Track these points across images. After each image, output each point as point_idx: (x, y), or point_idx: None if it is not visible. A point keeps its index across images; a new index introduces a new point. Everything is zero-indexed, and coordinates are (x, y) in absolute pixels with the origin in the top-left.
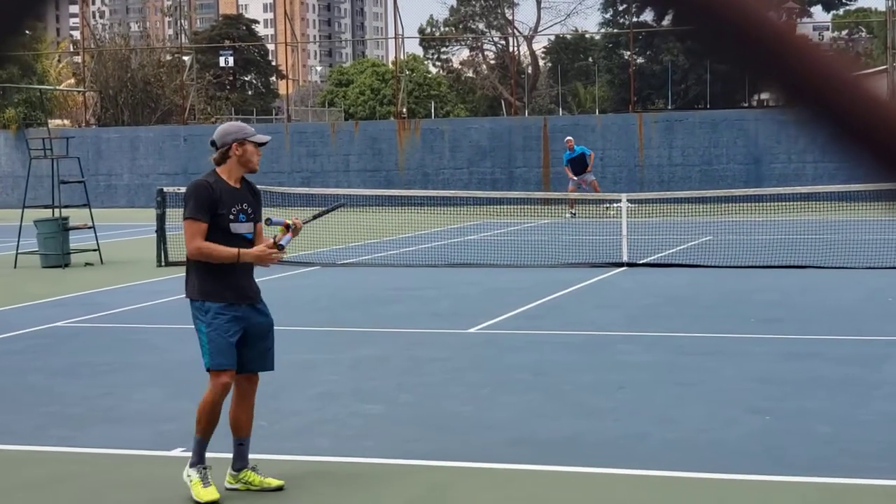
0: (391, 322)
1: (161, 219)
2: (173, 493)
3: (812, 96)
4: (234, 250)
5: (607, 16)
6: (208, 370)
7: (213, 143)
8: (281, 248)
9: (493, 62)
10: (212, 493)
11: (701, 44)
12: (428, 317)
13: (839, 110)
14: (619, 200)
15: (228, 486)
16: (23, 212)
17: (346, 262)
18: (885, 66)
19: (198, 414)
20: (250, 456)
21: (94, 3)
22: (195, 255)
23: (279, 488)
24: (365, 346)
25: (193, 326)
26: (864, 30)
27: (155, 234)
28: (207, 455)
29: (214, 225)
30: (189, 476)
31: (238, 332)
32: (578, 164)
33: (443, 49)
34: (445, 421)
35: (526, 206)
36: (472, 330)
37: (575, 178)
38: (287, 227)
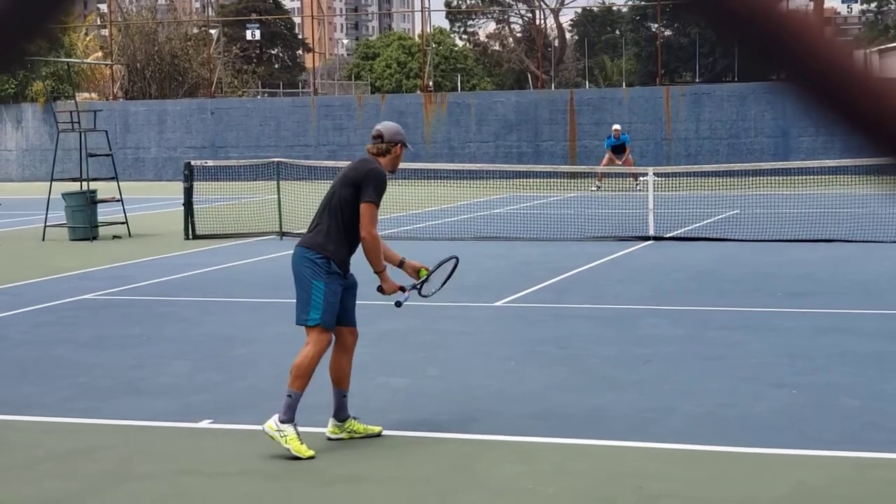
0: (417, 295)
1: (189, 192)
2: (201, 464)
3: (805, 72)
4: (384, 265)
5: None
6: (315, 326)
7: (378, 137)
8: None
9: (519, 35)
10: (309, 450)
11: (696, 18)
12: (454, 290)
13: (830, 86)
14: (646, 174)
15: (332, 436)
16: (51, 185)
17: None
18: None
19: (299, 370)
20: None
21: None
22: (370, 239)
23: (379, 434)
24: (391, 320)
25: (304, 277)
26: (893, 2)
27: (182, 208)
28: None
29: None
30: (282, 431)
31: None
32: (618, 150)
33: (469, 22)
34: (471, 394)
35: (552, 180)
36: (498, 303)
37: (618, 161)
38: (402, 288)
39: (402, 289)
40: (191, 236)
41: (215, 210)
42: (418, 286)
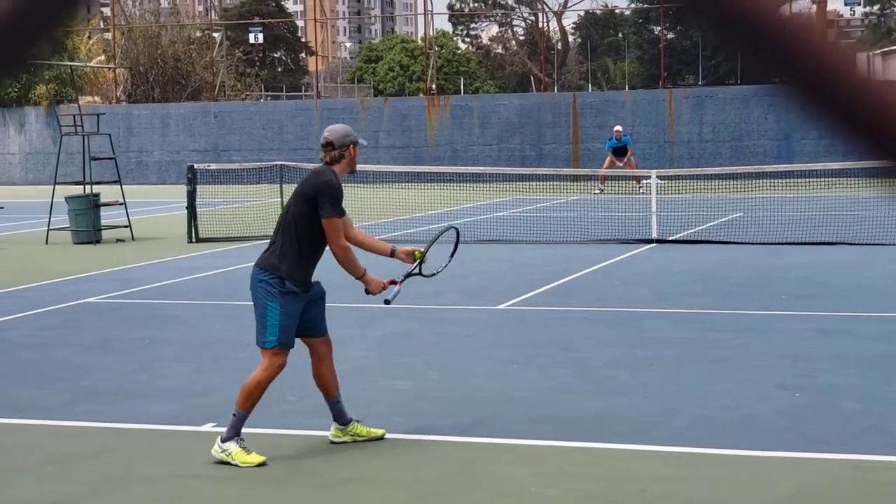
0: (420, 298)
1: (192, 195)
2: (203, 468)
3: (806, 76)
4: (363, 270)
5: None
6: (270, 348)
7: (329, 145)
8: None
9: (522, 38)
10: (258, 457)
11: (698, 20)
12: (457, 293)
13: (832, 90)
14: (649, 177)
15: (335, 439)
16: (54, 188)
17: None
18: None
19: (246, 391)
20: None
21: None
22: (341, 253)
23: (382, 437)
24: (393, 323)
25: (259, 298)
26: None
27: (185, 211)
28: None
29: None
30: (226, 450)
31: (300, 314)
32: (620, 152)
33: (472, 25)
34: (473, 396)
35: (555, 183)
36: (501, 306)
37: (619, 163)
38: (393, 281)
39: (394, 282)
40: (194, 239)
41: (218, 213)
42: (415, 271)
